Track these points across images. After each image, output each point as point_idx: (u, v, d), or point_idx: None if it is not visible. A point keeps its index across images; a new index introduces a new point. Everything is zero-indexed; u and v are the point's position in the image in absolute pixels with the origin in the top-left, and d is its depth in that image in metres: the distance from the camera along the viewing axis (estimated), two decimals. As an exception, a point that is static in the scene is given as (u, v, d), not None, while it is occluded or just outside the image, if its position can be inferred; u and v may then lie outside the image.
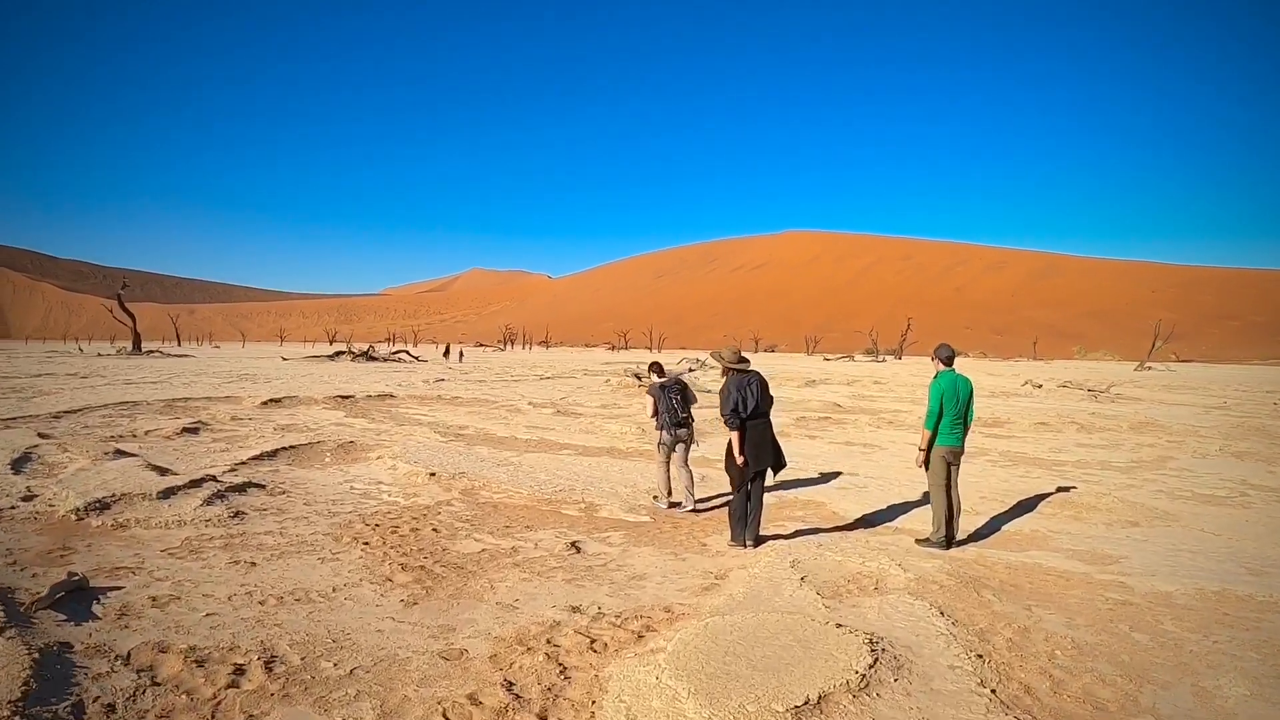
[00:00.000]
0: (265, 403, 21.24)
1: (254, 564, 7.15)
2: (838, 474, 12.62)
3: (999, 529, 9.11)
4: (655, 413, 9.86)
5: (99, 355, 57.34)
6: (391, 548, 7.76)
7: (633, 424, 18.06)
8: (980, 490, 11.46)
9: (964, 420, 8.16)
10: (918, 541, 8.15)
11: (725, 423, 8.05)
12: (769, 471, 8.24)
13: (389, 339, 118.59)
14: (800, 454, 14.75)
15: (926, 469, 8.19)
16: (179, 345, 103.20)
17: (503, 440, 15.66)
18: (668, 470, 10.01)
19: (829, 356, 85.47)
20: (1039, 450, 16.17)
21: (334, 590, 6.49)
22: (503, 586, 6.61)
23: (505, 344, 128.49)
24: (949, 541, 7.98)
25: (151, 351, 60.83)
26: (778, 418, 20.96)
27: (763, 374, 8.49)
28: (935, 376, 8.21)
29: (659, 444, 9.90)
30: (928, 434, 8.05)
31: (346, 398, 23.26)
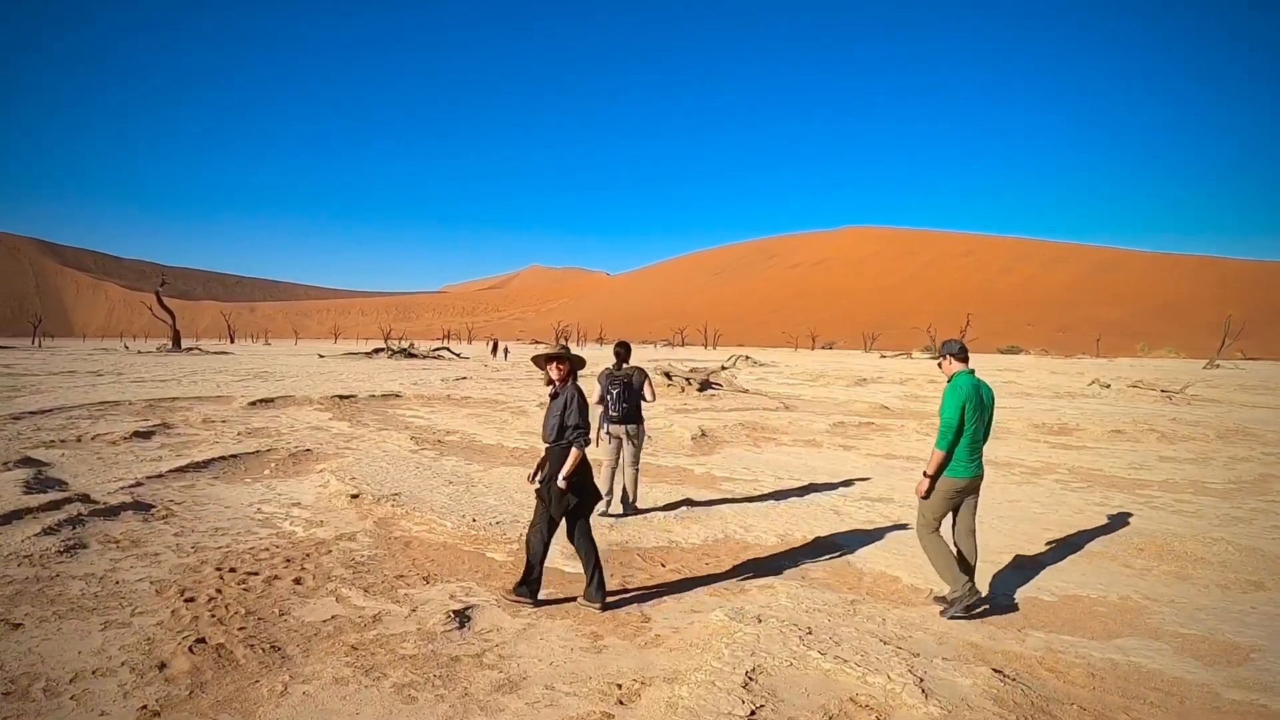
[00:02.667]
0: (254, 403, 19.93)
1: (18, 625, 5.42)
2: (866, 500, 10.38)
3: (1075, 592, 6.80)
4: (600, 401, 9.12)
5: (137, 353, 57.06)
6: (217, 608, 5.85)
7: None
8: (1047, 523, 9.14)
9: (984, 442, 6.29)
10: (935, 598, 6.40)
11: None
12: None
13: (443, 336, 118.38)
14: (826, 470, 12.57)
15: (925, 498, 6.25)
16: (232, 342, 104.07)
17: (484, 450, 13.77)
18: (611, 472, 9.19)
19: (886, 354, 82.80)
20: (1116, 466, 13.66)
21: (75, 678, 4.68)
22: (298, 693, 4.54)
23: (559, 341, 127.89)
24: (975, 598, 6.04)
25: (190, 349, 60.47)
26: (815, 421, 19.10)
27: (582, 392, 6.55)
28: (951, 380, 6.26)
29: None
30: (940, 456, 6.07)
31: (347, 398, 21.83)
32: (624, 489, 9.33)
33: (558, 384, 6.40)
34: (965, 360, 6.37)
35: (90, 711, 4.29)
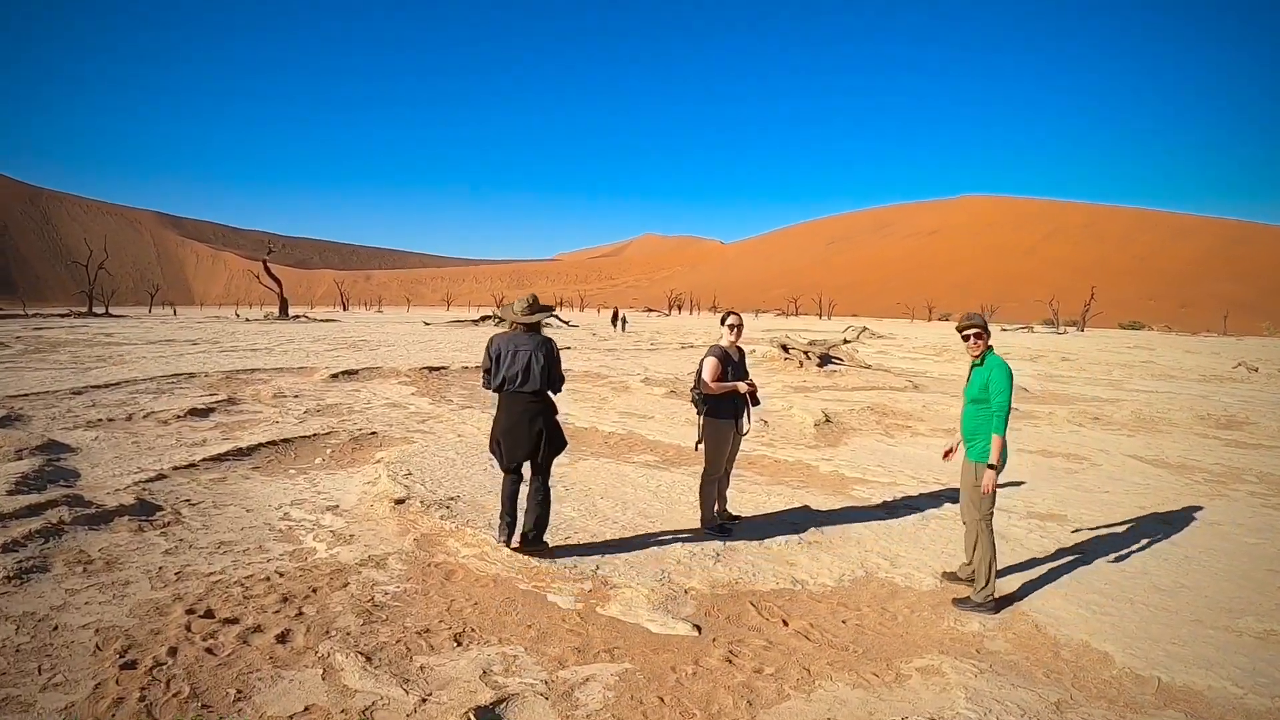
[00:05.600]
0: (336, 375, 18.87)
1: None
2: (1033, 518, 8.37)
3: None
4: (719, 378, 7.33)
5: (245, 321, 57.84)
6: (156, 682, 4.33)
7: (756, 417, 14.01)
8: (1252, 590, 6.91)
9: None
10: (955, 602, 5.93)
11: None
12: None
13: (556, 304, 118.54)
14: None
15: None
16: (345, 310, 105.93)
17: (573, 435, 12.14)
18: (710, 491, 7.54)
19: (1006, 327, 78.68)
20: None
21: None
22: None
23: (671, 309, 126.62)
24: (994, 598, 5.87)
25: (297, 317, 61.11)
26: (950, 405, 16.58)
27: (553, 343, 6.62)
28: (982, 361, 6.08)
29: (704, 435, 7.41)
30: (1001, 442, 5.84)
31: (437, 369, 20.63)
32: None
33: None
34: None
35: None
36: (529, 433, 6.45)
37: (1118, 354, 36.16)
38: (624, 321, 55.81)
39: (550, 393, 6.56)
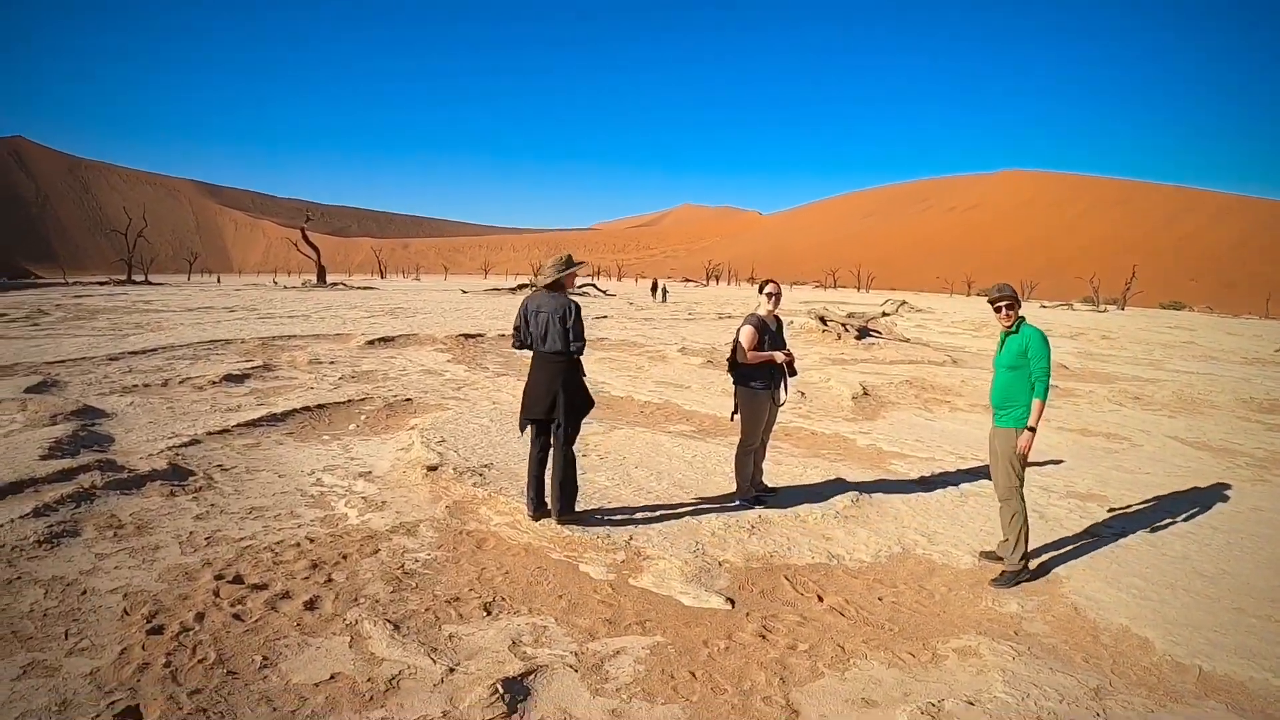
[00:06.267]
0: (372, 342, 18.93)
1: None
2: (1073, 498, 8.15)
3: None
4: (755, 347, 7.22)
5: (283, 289, 58.30)
6: (182, 649, 4.32)
7: (793, 389, 13.84)
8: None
9: None
10: (992, 582, 5.87)
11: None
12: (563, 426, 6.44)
13: (593, 273, 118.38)
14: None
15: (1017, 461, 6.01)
16: (383, 277, 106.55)
17: (609, 404, 12.11)
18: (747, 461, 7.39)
19: (1045, 304, 77.42)
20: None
21: None
22: None
23: (708, 280, 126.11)
24: (1029, 569, 6.00)
25: (335, 285, 61.49)
26: (989, 381, 15.97)
27: (574, 305, 6.53)
28: (1017, 329, 6.09)
29: (740, 406, 7.36)
30: (1041, 406, 5.91)
31: (473, 336, 20.63)
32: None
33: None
34: None
35: None
36: (546, 391, 6.44)
37: (1158, 333, 35.39)
38: (665, 292, 55.52)
39: (573, 354, 6.49)
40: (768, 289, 7.41)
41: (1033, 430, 5.86)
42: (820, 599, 5.48)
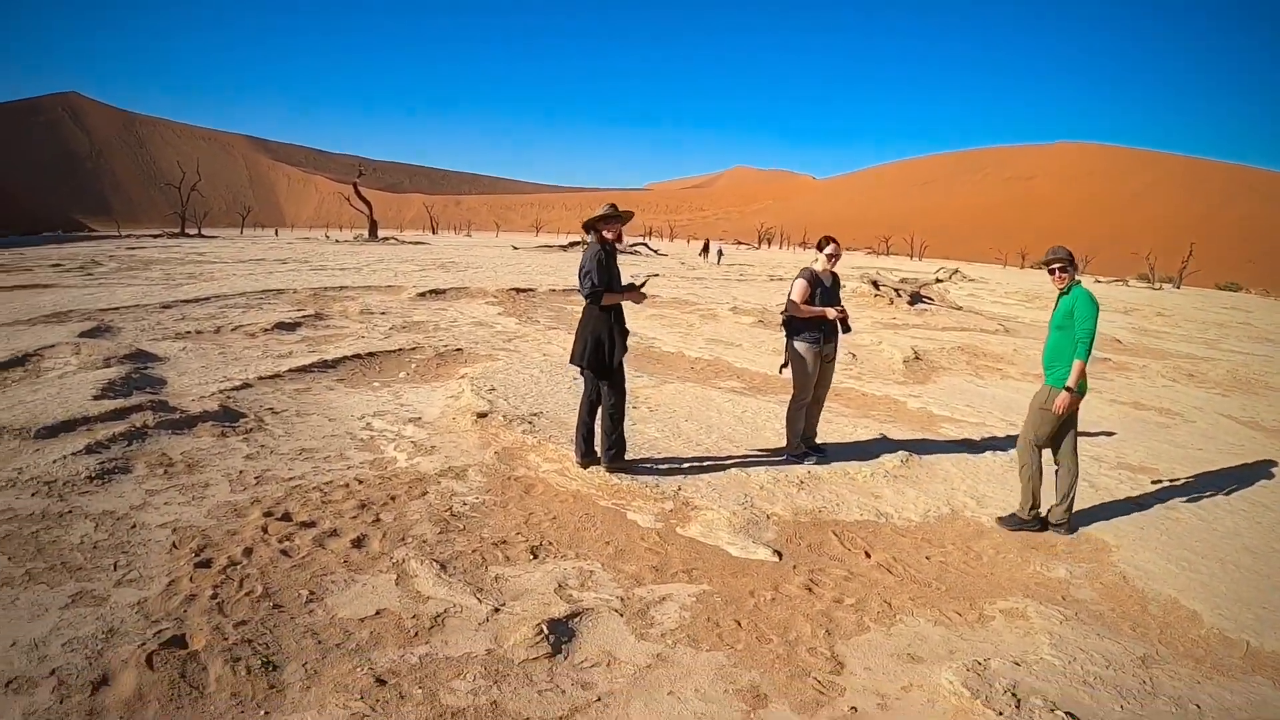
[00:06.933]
0: (423, 294, 18.99)
1: None
2: (1124, 469, 7.92)
3: None
4: (807, 301, 7.18)
5: (335, 243, 58.85)
6: (229, 582, 4.37)
7: (844, 351, 13.67)
8: None
9: None
10: (998, 520, 6.21)
11: None
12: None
13: (645, 233, 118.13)
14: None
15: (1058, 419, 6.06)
16: (434, 233, 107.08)
17: (659, 359, 12.05)
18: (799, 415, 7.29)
19: (1100, 279, 75.73)
20: None
21: None
22: None
23: (760, 243, 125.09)
24: (1040, 519, 6.16)
25: (386, 239, 61.88)
26: (1040, 350, 15.61)
27: (597, 250, 6.55)
28: (1070, 290, 6.13)
29: (790, 360, 7.28)
30: (1082, 367, 5.94)
31: (524, 291, 20.64)
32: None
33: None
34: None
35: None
36: (580, 335, 6.57)
37: (1214, 313, 34.39)
38: (720, 253, 55.12)
39: (585, 298, 6.58)
40: (828, 250, 7.30)
41: (1070, 390, 5.87)
42: (868, 555, 5.43)
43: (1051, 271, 6.15)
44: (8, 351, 9.53)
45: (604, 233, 6.58)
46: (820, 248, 7.35)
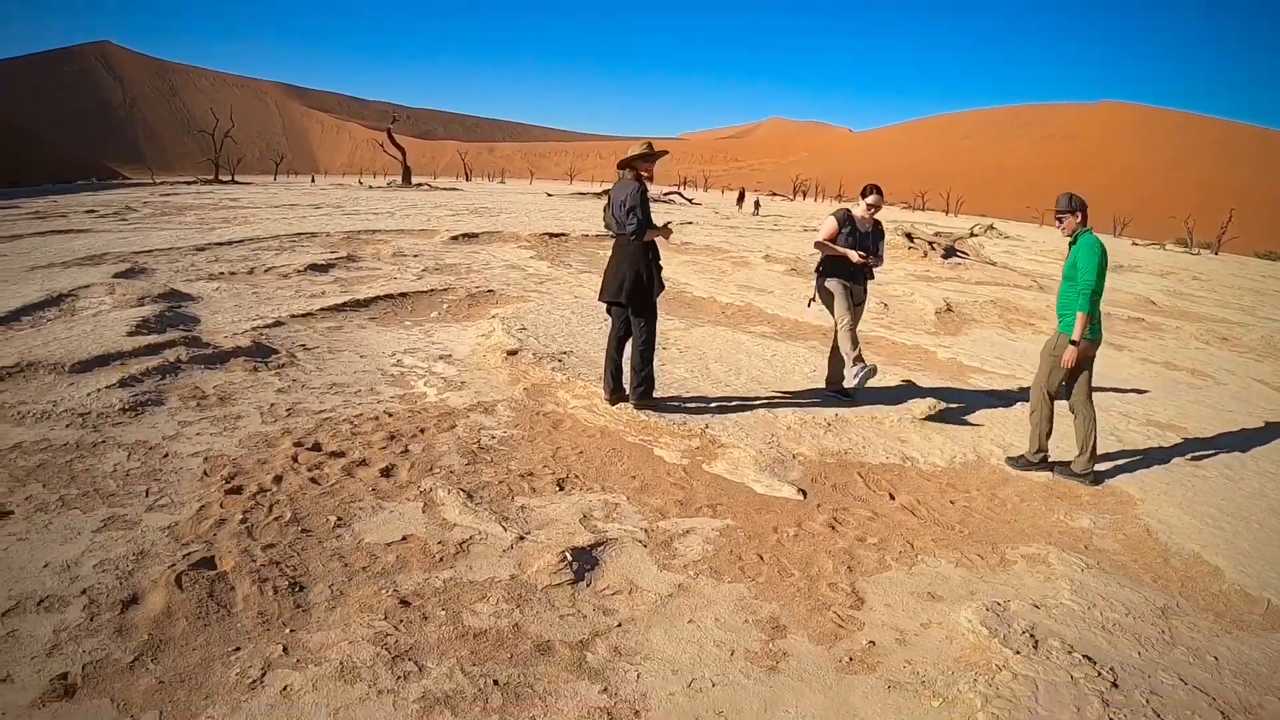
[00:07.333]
0: (456, 238, 18.99)
1: (5, 514, 4.25)
2: (1152, 426, 7.79)
3: None
4: (832, 239, 7.20)
5: (368, 189, 59.00)
6: (258, 508, 4.43)
7: (876, 300, 13.55)
8: None
9: None
10: (1008, 460, 6.35)
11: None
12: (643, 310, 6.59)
13: (680, 182, 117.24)
14: (1098, 375, 9.88)
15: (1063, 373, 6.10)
16: (468, 180, 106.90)
17: (691, 303, 12.04)
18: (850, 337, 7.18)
19: (1137, 241, 74.48)
20: None
21: (12, 610, 3.40)
22: (274, 688, 3.01)
23: (795, 195, 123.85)
24: (1047, 461, 6.25)
25: (420, 185, 61.89)
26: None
27: (643, 189, 6.54)
28: (1077, 238, 6.12)
29: (819, 295, 7.39)
30: (1085, 319, 5.92)
31: (557, 236, 20.59)
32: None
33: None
34: (1088, 218, 6.22)
35: (-16, 680, 2.90)
36: (615, 273, 6.55)
37: (1252, 280, 33.65)
38: (757, 204, 54.66)
39: (630, 235, 6.50)
40: (870, 198, 7.28)
41: (1074, 344, 5.89)
42: (892, 497, 5.44)
43: (1058, 219, 6.19)
44: (43, 292, 9.62)
45: (641, 171, 6.54)
46: (864, 195, 7.32)
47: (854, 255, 7.04)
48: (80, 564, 3.73)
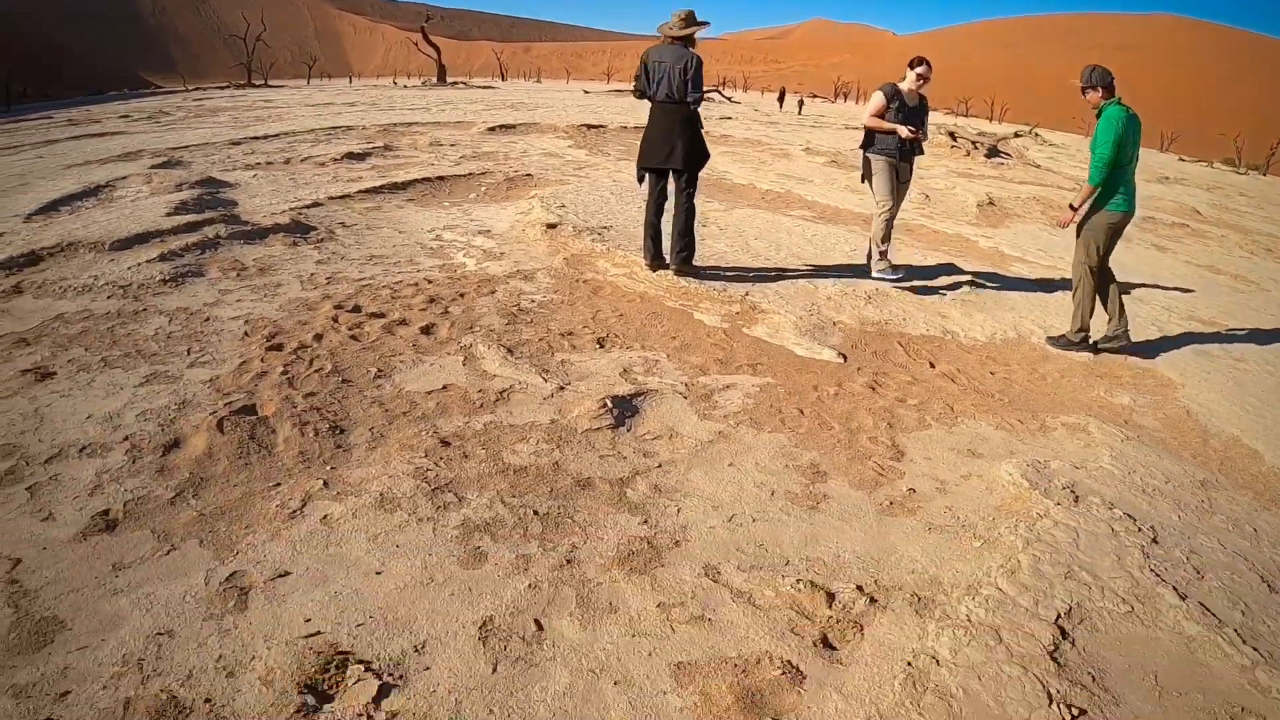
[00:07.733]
0: (493, 129, 18.79)
1: (49, 374, 4.30)
2: (1195, 320, 7.55)
3: None
4: (880, 115, 6.91)
5: (403, 88, 58.48)
6: (299, 362, 4.45)
7: (917, 191, 13.28)
8: None
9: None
10: (1048, 339, 6.25)
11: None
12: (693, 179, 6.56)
13: (720, 82, 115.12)
14: (1140, 271, 9.65)
15: (1077, 237, 6.14)
16: (503, 80, 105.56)
17: (731, 190, 11.85)
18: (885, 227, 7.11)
19: (1184, 158, 71.97)
20: None
21: (56, 455, 3.46)
22: (314, 517, 3.07)
23: (836, 98, 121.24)
24: (1088, 342, 6.08)
25: (455, 84, 61.18)
26: None
27: (699, 58, 6.39)
28: (1102, 112, 5.96)
29: (867, 173, 7.16)
30: (1090, 190, 5.92)
31: (595, 127, 20.36)
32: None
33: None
34: (1113, 91, 6.04)
35: (36, 513, 2.96)
36: (664, 141, 6.40)
37: None
38: (801, 103, 53.54)
39: (690, 104, 6.37)
40: (919, 69, 7.07)
41: (1073, 209, 6.00)
42: (932, 365, 5.38)
43: (1083, 93, 6.15)
44: (80, 184, 9.62)
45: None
46: (912, 66, 7.10)
47: (904, 130, 6.84)
48: (122, 415, 3.76)
